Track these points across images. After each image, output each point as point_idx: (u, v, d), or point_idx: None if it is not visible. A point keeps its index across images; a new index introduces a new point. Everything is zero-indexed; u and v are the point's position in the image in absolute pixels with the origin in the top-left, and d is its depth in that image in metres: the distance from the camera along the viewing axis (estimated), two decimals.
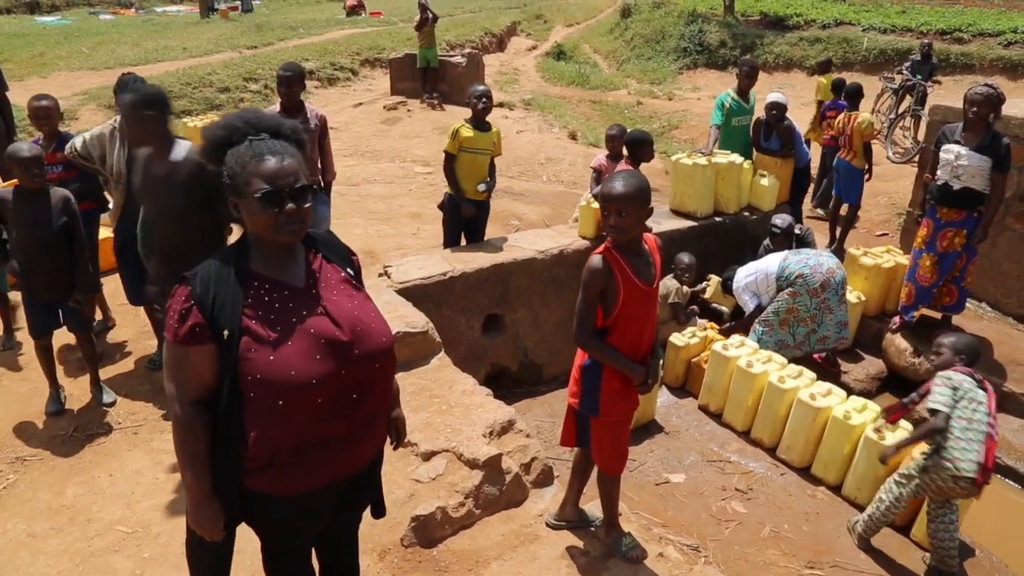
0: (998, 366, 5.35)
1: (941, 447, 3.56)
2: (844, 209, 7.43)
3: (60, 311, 4.01)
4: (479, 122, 5.34)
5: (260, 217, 1.77)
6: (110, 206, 4.79)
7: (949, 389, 3.57)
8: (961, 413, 3.53)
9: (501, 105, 13.75)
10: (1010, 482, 4.73)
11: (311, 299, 1.86)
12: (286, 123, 1.90)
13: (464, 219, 5.58)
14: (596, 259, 2.69)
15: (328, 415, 1.83)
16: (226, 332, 1.75)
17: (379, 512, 2.29)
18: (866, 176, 7.16)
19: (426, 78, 13.48)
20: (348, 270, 2.01)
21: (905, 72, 11.03)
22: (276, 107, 5.06)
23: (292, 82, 4.86)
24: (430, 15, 13.11)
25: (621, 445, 2.98)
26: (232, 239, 2.20)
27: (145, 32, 20.69)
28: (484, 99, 5.28)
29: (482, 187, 5.44)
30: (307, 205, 1.81)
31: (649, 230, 2.65)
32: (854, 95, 7.30)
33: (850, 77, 15.90)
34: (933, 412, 3.57)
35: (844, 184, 7.24)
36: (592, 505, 3.22)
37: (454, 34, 19.70)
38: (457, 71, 13.53)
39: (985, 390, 3.63)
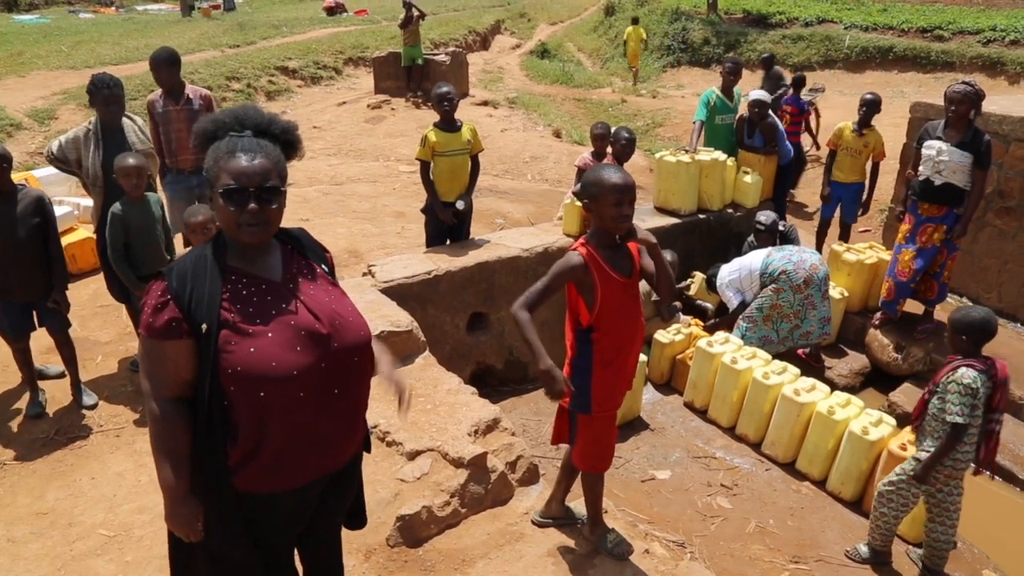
0: None
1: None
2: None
3: (36, 313, 3.96)
4: (447, 123, 5.31)
5: (224, 213, 1.78)
6: (88, 204, 4.73)
7: (968, 397, 3.32)
8: (972, 420, 3.36)
9: (485, 103, 13.73)
10: (989, 474, 4.75)
11: (289, 293, 1.86)
12: (278, 122, 1.88)
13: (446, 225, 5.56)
14: (574, 255, 2.70)
15: (310, 411, 1.82)
16: (204, 326, 1.74)
17: (356, 523, 2.28)
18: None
19: (411, 76, 13.44)
20: (323, 266, 2.02)
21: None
22: (158, 91, 5.00)
23: (165, 65, 4.83)
24: (415, 12, 13.06)
25: (609, 442, 2.98)
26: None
27: (126, 31, 20.49)
28: (446, 102, 5.25)
29: (460, 204, 5.43)
30: (274, 207, 1.81)
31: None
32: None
33: (832, 75, 16.20)
34: (953, 423, 3.33)
35: None
36: (578, 502, 3.22)
37: (438, 32, 19.65)
38: (441, 69, 13.49)
39: (995, 378, 3.38)
